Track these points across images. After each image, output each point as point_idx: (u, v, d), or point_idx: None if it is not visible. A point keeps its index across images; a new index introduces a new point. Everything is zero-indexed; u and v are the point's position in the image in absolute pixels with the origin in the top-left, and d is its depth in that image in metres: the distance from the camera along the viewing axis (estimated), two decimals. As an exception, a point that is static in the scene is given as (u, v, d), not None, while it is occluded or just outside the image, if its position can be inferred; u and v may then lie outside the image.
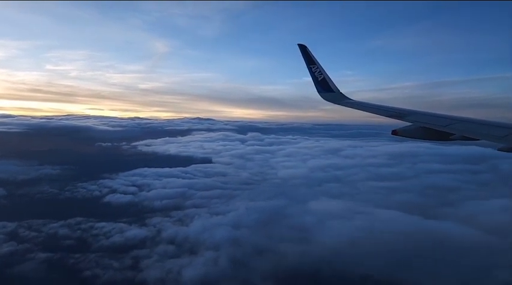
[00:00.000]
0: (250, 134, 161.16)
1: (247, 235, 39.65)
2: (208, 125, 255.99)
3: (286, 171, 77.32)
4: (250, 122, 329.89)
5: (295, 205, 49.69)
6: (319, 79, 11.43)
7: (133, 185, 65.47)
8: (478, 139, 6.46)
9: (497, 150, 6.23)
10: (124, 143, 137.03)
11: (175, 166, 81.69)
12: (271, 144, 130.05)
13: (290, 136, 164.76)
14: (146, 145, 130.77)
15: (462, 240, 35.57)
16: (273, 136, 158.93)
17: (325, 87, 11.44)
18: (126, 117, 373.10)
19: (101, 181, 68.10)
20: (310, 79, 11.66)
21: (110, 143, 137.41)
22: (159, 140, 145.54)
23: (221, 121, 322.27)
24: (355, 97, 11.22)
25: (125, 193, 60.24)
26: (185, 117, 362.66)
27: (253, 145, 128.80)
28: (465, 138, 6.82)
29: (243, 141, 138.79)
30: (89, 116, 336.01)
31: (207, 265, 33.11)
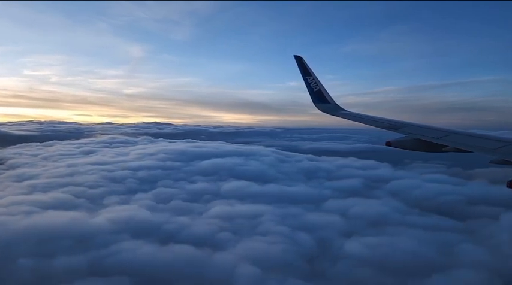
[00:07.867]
0: (142, 137, 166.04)
1: None
2: (156, 130, 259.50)
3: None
4: (206, 127, 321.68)
5: None
6: (315, 90, 11.57)
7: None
8: (471, 152, 6.53)
9: (490, 163, 6.49)
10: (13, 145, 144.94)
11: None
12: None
13: (187, 139, 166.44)
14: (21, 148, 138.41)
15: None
16: (161, 139, 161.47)
17: (321, 98, 11.57)
18: (98, 122, 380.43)
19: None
20: (294, 84, 13.56)
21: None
22: (53, 142, 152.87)
23: (176, 126, 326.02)
24: (341, 101, 11.68)
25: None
26: (184, 123, 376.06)
27: (117, 147, 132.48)
28: (458, 150, 6.90)
29: (121, 143, 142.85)
30: (42, 121, 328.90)
31: None
